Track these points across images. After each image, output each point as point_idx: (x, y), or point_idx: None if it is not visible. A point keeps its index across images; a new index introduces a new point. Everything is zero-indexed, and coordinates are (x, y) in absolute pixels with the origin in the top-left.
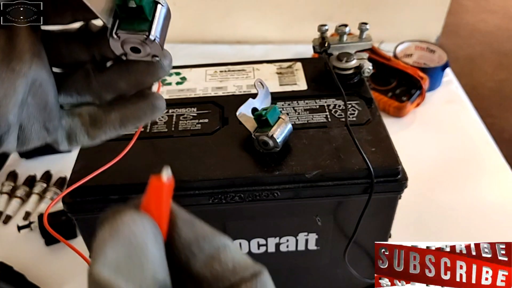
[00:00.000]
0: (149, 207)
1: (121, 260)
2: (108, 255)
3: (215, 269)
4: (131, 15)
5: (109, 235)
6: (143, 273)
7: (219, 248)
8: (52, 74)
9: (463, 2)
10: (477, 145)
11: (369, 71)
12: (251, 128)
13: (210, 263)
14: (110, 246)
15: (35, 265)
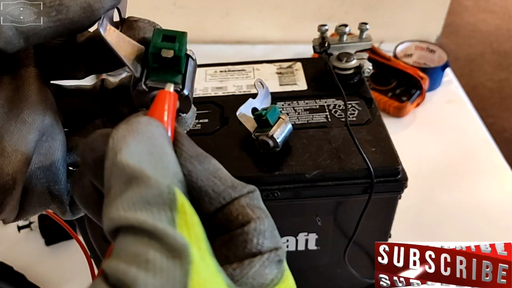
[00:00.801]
0: (157, 114)
1: (145, 153)
2: (131, 147)
3: (216, 185)
4: (163, 66)
5: (129, 133)
6: (165, 166)
7: (217, 167)
8: (62, 129)
9: (463, 2)
10: (477, 145)
11: (369, 71)
12: (251, 128)
13: (211, 179)
14: (132, 140)
15: (35, 265)
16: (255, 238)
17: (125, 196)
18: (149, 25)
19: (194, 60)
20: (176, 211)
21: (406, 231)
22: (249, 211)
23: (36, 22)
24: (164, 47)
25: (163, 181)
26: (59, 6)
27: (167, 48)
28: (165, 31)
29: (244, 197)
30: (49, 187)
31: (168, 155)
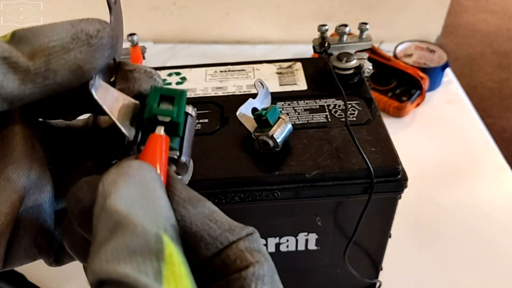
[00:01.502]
0: (149, 159)
1: (136, 198)
2: (122, 191)
3: (212, 229)
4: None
5: (119, 177)
6: (156, 210)
7: (212, 209)
8: (51, 178)
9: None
10: (477, 145)
11: (369, 71)
12: (251, 128)
13: (206, 223)
14: (123, 184)
15: (35, 265)
16: (253, 283)
17: (109, 245)
18: (145, 76)
19: (193, 117)
20: (164, 261)
21: (406, 231)
22: (247, 255)
23: (20, 89)
24: (160, 113)
25: (151, 229)
26: (46, 72)
27: (164, 114)
28: (163, 89)
29: (243, 240)
30: (36, 239)
31: (161, 199)
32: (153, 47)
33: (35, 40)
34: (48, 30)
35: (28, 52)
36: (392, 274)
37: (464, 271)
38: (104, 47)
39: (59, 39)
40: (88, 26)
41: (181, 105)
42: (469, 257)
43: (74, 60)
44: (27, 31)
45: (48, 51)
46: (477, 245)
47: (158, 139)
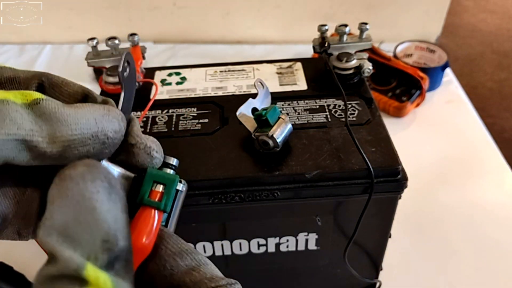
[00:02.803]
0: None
1: (69, 223)
2: (54, 218)
3: (194, 276)
4: None
5: (58, 194)
6: (91, 237)
7: (200, 262)
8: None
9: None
10: (477, 145)
11: (369, 71)
12: (251, 128)
13: (190, 272)
14: (58, 207)
15: (35, 265)
16: None
17: (40, 270)
18: (143, 153)
19: (183, 192)
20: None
21: (406, 231)
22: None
23: (29, 162)
24: (150, 204)
25: (74, 259)
26: (59, 157)
27: (153, 206)
28: (157, 175)
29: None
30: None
31: (99, 219)
32: (153, 47)
33: (58, 127)
34: (73, 120)
35: (49, 136)
36: (392, 274)
37: (464, 271)
38: (115, 145)
39: (81, 134)
40: (109, 125)
41: (170, 194)
42: (469, 257)
43: (86, 153)
44: (53, 111)
45: (68, 142)
46: (477, 245)
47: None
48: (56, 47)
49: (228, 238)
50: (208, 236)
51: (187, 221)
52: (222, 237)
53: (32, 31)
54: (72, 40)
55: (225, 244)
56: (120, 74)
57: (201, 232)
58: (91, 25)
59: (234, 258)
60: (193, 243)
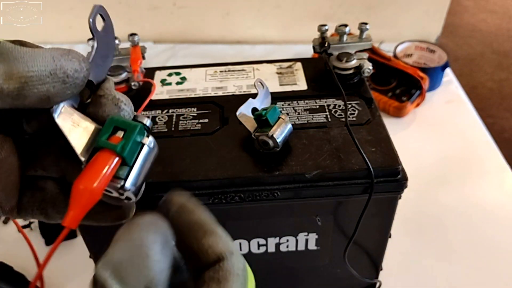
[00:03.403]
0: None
1: (124, 262)
2: (115, 254)
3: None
4: None
5: (122, 235)
6: (138, 280)
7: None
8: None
9: (463, 2)
10: (477, 145)
11: (369, 71)
12: (251, 128)
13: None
14: (118, 246)
15: (35, 265)
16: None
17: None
18: (111, 103)
19: (150, 148)
20: None
21: (406, 231)
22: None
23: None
24: (106, 146)
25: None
26: (17, 95)
27: (109, 148)
28: (118, 121)
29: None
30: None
31: (149, 265)
32: (153, 47)
33: (15, 64)
34: (30, 57)
35: (5, 73)
36: (392, 274)
37: (464, 271)
38: (77, 86)
39: (37, 70)
40: (68, 64)
41: (129, 139)
42: (469, 257)
43: (47, 92)
44: (9, 50)
45: (24, 79)
46: (477, 244)
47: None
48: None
49: None
50: None
51: None
52: None
53: (32, 31)
54: (72, 40)
55: None
56: (90, 23)
57: None
58: None
59: None
60: None
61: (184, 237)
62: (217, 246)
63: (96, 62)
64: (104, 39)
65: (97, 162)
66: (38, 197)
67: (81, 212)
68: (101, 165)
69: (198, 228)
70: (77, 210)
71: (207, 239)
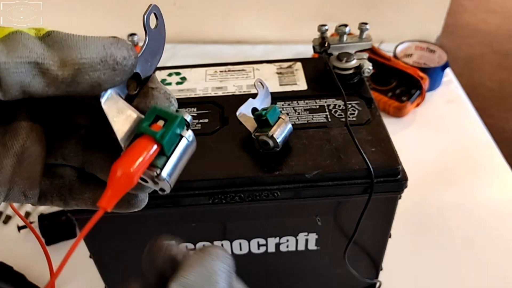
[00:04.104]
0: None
1: (195, 285)
2: (188, 277)
3: None
4: None
5: (196, 262)
6: None
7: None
8: (46, 147)
9: (463, 2)
10: (477, 145)
11: (369, 71)
12: (251, 128)
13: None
14: (194, 270)
15: (35, 265)
16: None
17: None
18: (163, 96)
19: (189, 141)
20: None
21: (406, 231)
22: None
23: (44, 90)
24: (147, 132)
25: None
26: (71, 82)
27: (148, 133)
28: (161, 111)
29: None
30: (25, 191)
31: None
32: None
33: (68, 52)
34: (82, 45)
35: (60, 60)
36: (392, 274)
37: (464, 271)
38: (125, 73)
39: (89, 57)
40: (117, 52)
41: (170, 128)
42: (469, 256)
43: (98, 79)
44: (63, 38)
45: (78, 66)
46: (477, 244)
47: (142, 143)
48: None
49: (228, 238)
50: (208, 236)
51: (187, 221)
52: (222, 237)
53: None
54: None
55: (225, 244)
56: (144, 20)
57: (201, 232)
58: (91, 25)
59: (234, 258)
60: (193, 243)
61: None
62: None
63: (145, 57)
64: (155, 37)
65: (137, 147)
66: (57, 184)
67: (117, 195)
68: (140, 150)
69: None
70: (114, 192)
71: None
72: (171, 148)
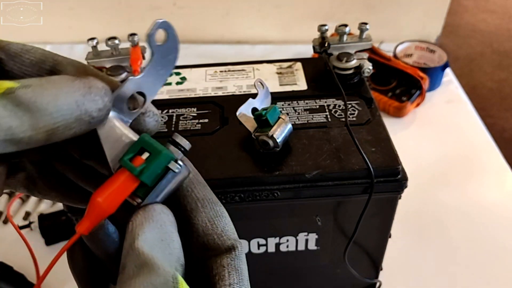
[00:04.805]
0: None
1: (157, 241)
2: (147, 234)
3: (207, 227)
4: None
5: (146, 220)
6: (171, 252)
7: (218, 213)
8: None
9: (463, 2)
10: (477, 145)
11: (369, 71)
12: (251, 128)
13: (205, 222)
14: (148, 228)
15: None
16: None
17: (137, 280)
18: (153, 121)
19: (176, 173)
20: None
21: (406, 231)
22: (225, 274)
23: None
24: (126, 166)
25: (169, 270)
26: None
27: (128, 168)
28: (147, 142)
29: (227, 257)
30: None
31: (175, 242)
32: None
33: (40, 116)
34: (53, 107)
35: (30, 126)
36: (392, 274)
37: (464, 271)
38: (101, 121)
39: (63, 120)
40: (91, 105)
41: (151, 164)
42: (469, 257)
43: (73, 134)
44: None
45: (52, 131)
46: (477, 244)
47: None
48: (56, 47)
49: None
50: None
51: None
52: None
53: (32, 31)
54: (72, 40)
55: None
56: (148, 37)
57: None
58: (91, 25)
59: None
60: None
61: (192, 212)
62: (229, 231)
63: (151, 75)
64: (162, 54)
65: (116, 180)
66: (20, 177)
67: (94, 222)
68: (119, 184)
69: (211, 207)
70: (91, 220)
71: (220, 221)
72: (152, 180)
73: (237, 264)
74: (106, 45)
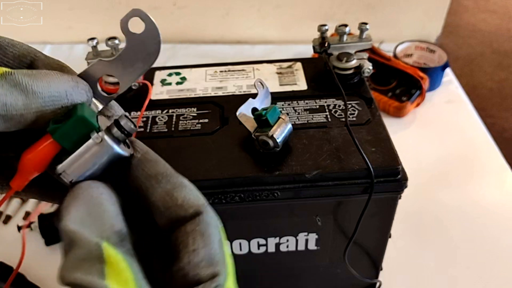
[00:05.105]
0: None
1: (83, 216)
2: (72, 213)
3: (166, 201)
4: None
5: (72, 199)
6: (102, 224)
7: (175, 185)
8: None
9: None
10: (477, 145)
11: (369, 71)
12: (251, 128)
13: (163, 196)
14: (73, 206)
15: (35, 265)
16: (190, 271)
17: (67, 257)
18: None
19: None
20: (105, 263)
21: (406, 231)
22: (189, 241)
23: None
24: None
25: (92, 240)
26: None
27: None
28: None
29: (190, 224)
30: None
31: (106, 212)
32: None
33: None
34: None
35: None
36: (392, 274)
37: (464, 271)
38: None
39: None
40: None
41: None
42: (469, 257)
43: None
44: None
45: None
46: (477, 244)
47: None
48: (56, 47)
49: (228, 238)
50: None
51: None
52: None
53: (32, 31)
54: (72, 40)
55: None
56: (121, 23)
57: None
58: (91, 25)
59: (234, 258)
60: None
61: (148, 190)
62: (191, 199)
63: (122, 63)
64: (138, 42)
65: (43, 141)
66: (7, 174)
67: (24, 179)
68: (44, 145)
69: (166, 181)
70: (22, 176)
71: (178, 192)
72: (69, 144)
73: (202, 228)
74: (106, 45)
